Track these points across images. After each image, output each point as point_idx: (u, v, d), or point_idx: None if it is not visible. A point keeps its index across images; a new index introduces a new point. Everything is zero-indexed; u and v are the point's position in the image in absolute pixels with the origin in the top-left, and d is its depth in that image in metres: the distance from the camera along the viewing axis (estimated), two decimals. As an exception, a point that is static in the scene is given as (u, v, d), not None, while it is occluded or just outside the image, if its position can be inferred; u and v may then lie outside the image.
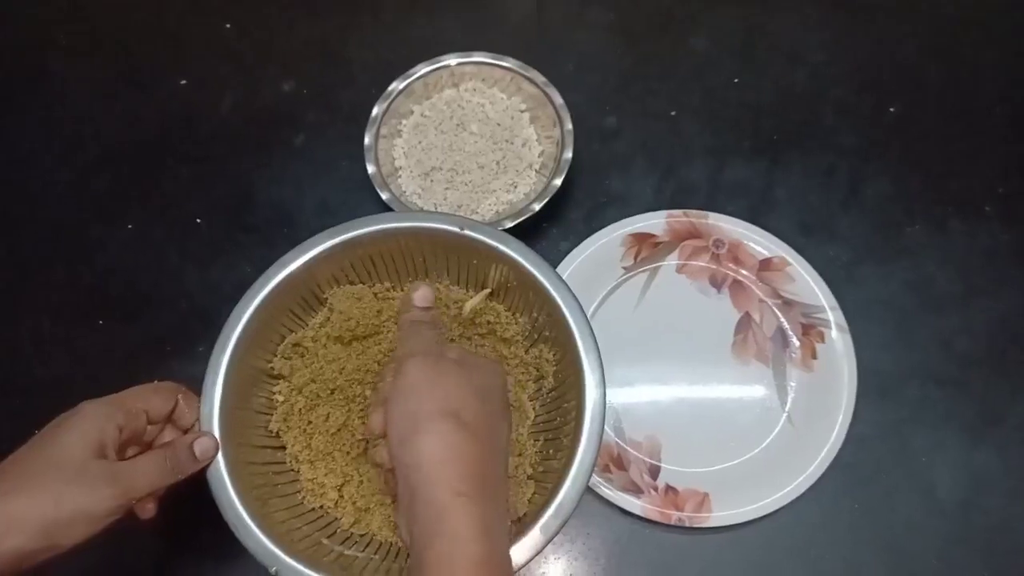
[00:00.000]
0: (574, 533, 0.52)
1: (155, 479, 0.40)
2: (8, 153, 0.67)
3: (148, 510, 0.42)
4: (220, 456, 0.43)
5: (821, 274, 0.57)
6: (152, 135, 0.67)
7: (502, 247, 0.47)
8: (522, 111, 0.63)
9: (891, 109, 0.65)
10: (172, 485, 0.42)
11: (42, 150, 0.67)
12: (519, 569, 0.41)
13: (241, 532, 0.42)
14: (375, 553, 0.46)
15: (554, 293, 0.47)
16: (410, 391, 0.38)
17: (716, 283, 0.58)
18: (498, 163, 0.61)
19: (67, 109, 0.69)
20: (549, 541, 0.41)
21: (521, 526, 0.44)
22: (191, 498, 0.42)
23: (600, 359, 0.45)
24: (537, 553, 0.41)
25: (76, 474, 0.37)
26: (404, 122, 0.63)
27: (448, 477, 0.35)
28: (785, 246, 0.58)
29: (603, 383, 0.44)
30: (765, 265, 0.57)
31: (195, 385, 0.45)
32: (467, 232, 0.48)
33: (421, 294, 0.45)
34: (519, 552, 0.41)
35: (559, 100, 0.60)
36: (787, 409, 0.54)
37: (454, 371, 0.39)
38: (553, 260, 0.58)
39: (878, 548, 0.52)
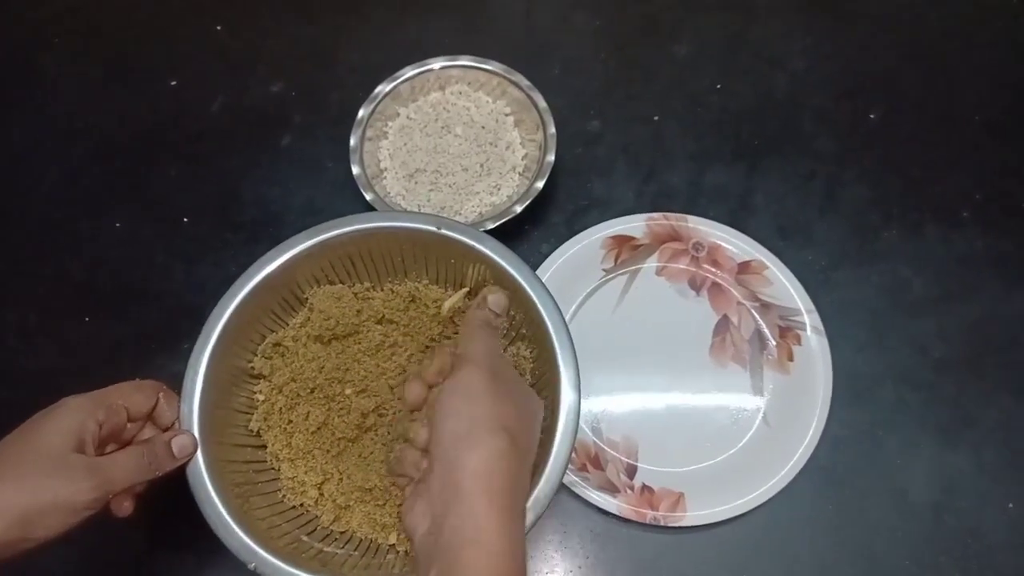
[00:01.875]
0: (550, 531, 0.53)
1: (133, 474, 0.41)
2: (-1, 149, 0.68)
3: (125, 508, 0.42)
4: (200, 454, 0.44)
5: (798, 277, 0.58)
6: (142, 133, 0.68)
7: (479, 246, 0.48)
8: (507, 115, 0.64)
9: (871, 116, 0.66)
10: (151, 482, 0.42)
11: (33, 146, 0.68)
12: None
13: (220, 529, 0.42)
14: (355, 549, 0.46)
15: (530, 292, 0.47)
16: (472, 396, 0.39)
17: (695, 286, 0.59)
18: (482, 165, 0.61)
19: (58, 106, 0.70)
20: (524, 535, 0.42)
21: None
22: (172, 494, 0.43)
23: (575, 357, 0.46)
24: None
25: (55, 466, 0.38)
26: (390, 124, 0.64)
27: (493, 491, 0.35)
28: (763, 249, 0.58)
29: (578, 380, 0.45)
30: (743, 268, 0.58)
31: (179, 382, 0.45)
32: (444, 231, 0.48)
33: (496, 299, 0.46)
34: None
35: (543, 104, 0.61)
36: (763, 410, 0.55)
37: (511, 390, 0.40)
38: (534, 262, 0.58)
39: (851, 549, 0.52)
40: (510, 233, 0.59)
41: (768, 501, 0.51)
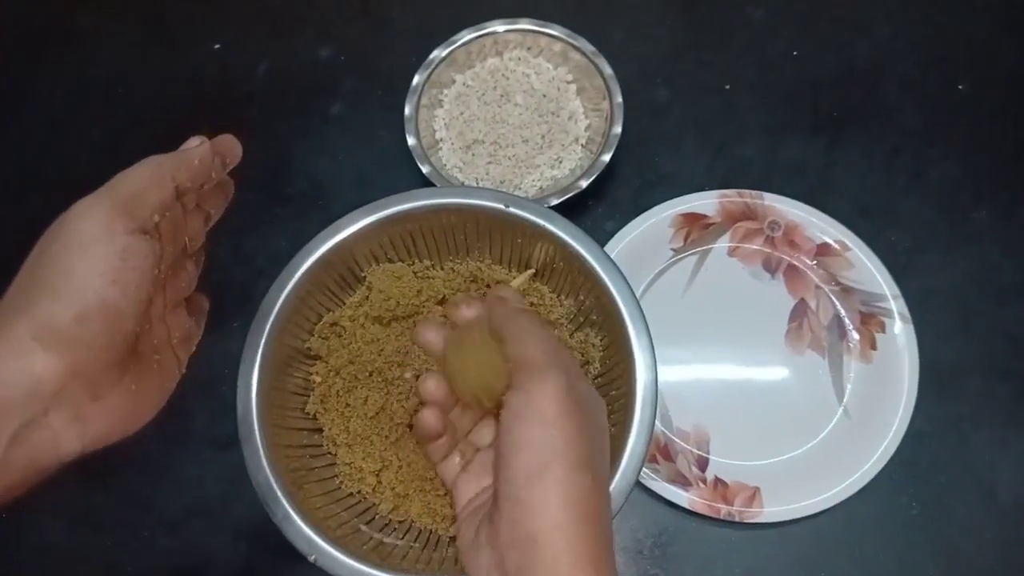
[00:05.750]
0: (617, 524, 0.50)
1: (149, 182, 0.31)
2: (40, 112, 0.66)
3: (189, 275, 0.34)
4: (257, 435, 0.42)
5: (881, 260, 0.54)
6: (184, 98, 0.66)
7: (549, 226, 0.45)
8: (568, 82, 0.60)
9: (959, 87, 0.62)
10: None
11: (74, 110, 0.66)
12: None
13: (281, 519, 0.40)
14: (415, 541, 0.44)
15: (603, 274, 0.44)
16: (547, 421, 0.32)
17: (770, 267, 0.56)
18: (543, 137, 0.58)
19: (98, 69, 0.67)
20: (598, 536, 0.40)
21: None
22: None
23: (652, 346, 0.43)
24: (585, 548, 0.40)
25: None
26: (445, 92, 0.60)
27: (577, 543, 0.29)
28: (844, 229, 0.55)
29: (655, 371, 0.42)
30: (823, 250, 0.55)
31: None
32: (512, 209, 0.45)
33: (520, 283, 0.43)
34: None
35: (608, 71, 0.57)
36: (844, 402, 0.52)
37: (586, 402, 0.34)
38: (599, 240, 0.55)
39: (934, 549, 0.49)
40: (573, 208, 0.56)
41: (848, 498, 0.48)
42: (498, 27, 0.60)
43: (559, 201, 0.54)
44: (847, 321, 0.54)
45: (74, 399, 0.27)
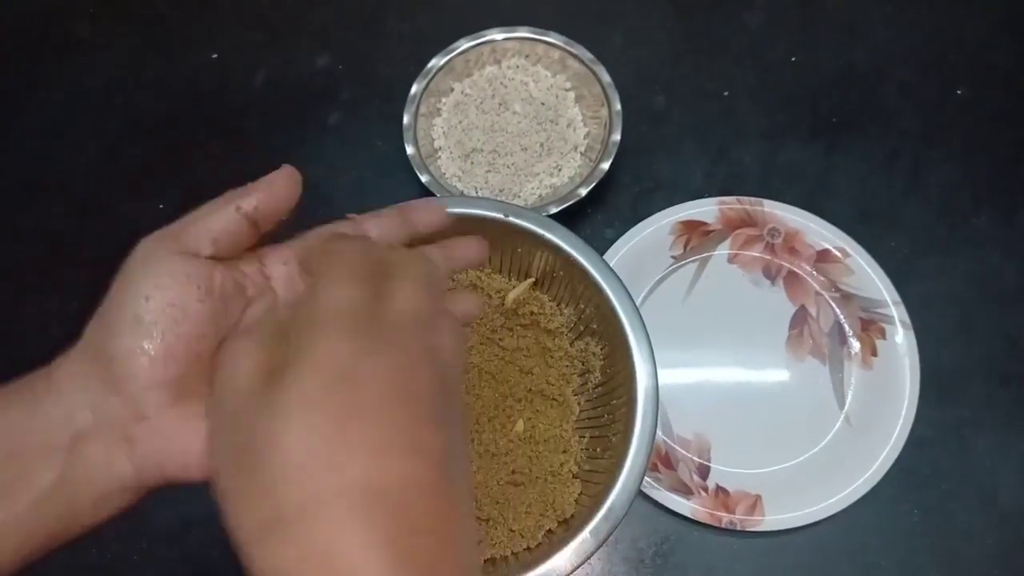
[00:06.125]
0: (618, 533, 0.50)
1: (210, 207, 0.29)
2: (36, 122, 0.66)
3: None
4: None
5: (881, 265, 0.54)
6: (182, 108, 0.65)
7: (548, 235, 0.45)
8: (567, 90, 0.60)
9: (958, 91, 0.62)
10: None
11: (70, 120, 0.66)
12: (568, 575, 0.40)
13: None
14: None
15: (603, 283, 0.45)
16: (301, 412, 0.22)
17: (770, 274, 0.55)
18: (542, 145, 0.58)
19: (96, 78, 0.67)
20: (601, 545, 0.40)
21: (569, 529, 0.42)
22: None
23: (652, 353, 0.43)
24: (588, 558, 0.39)
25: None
26: (444, 100, 0.60)
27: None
28: (844, 236, 0.55)
29: (655, 376, 0.42)
30: (823, 256, 0.55)
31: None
32: (511, 219, 0.46)
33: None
34: (568, 557, 0.39)
35: (607, 78, 0.57)
36: (845, 409, 0.51)
37: (398, 367, 0.24)
38: (599, 249, 0.55)
39: (935, 555, 0.49)
40: (572, 216, 0.56)
41: (850, 505, 0.48)
42: (496, 35, 0.60)
43: (558, 209, 0.53)
44: (847, 328, 0.53)
45: (118, 418, 0.26)
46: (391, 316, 0.25)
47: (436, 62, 0.59)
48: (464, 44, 0.59)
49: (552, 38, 0.59)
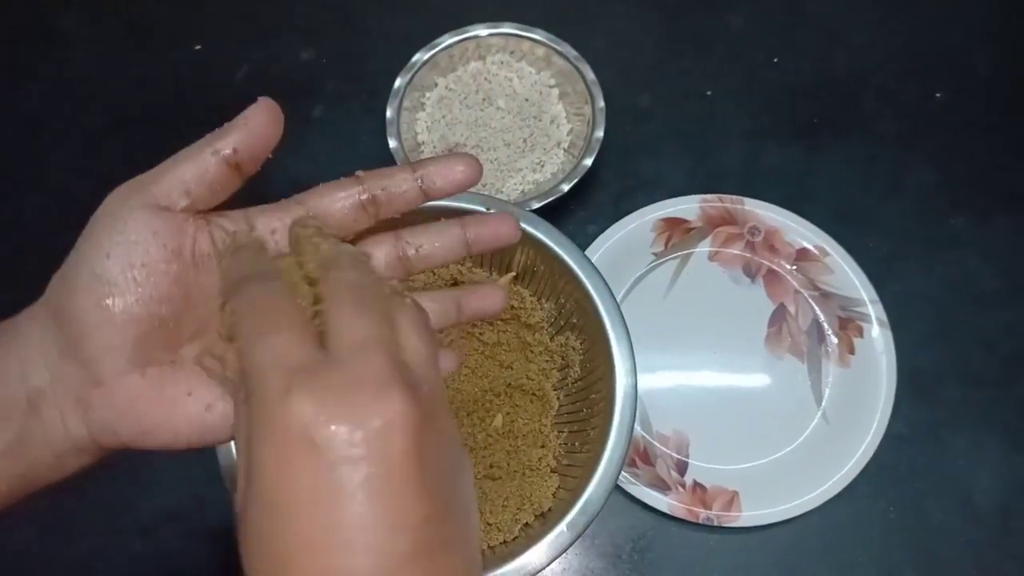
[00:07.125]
0: (596, 529, 0.50)
1: (184, 153, 0.27)
2: (15, 114, 0.65)
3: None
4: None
5: (860, 265, 0.54)
6: (164, 101, 0.65)
7: (530, 229, 0.45)
8: (551, 86, 0.60)
9: (936, 95, 0.62)
10: None
11: (50, 113, 0.65)
12: (544, 568, 0.39)
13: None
14: None
15: (584, 278, 0.45)
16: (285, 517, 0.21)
17: (750, 272, 0.56)
18: (525, 141, 0.58)
19: (76, 70, 0.67)
20: (577, 539, 0.40)
21: (546, 523, 0.42)
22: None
23: (632, 350, 0.43)
24: (564, 551, 0.39)
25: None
26: (428, 95, 0.60)
27: None
28: (824, 235, 0.55)
29: (634, 374, 0.42)
30: (802, 255, 0.55)
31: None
32: (494, 213, 0.45)
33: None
34: (544, 551, 0.39)
35: (591, 76, 0.57)
36: (822, 406, 0.52)
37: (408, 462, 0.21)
38: (580, 244, 0.55)
39: (911, 553, 0.50)
40: (555, 212, 0.56)
41: (826, 502, 0.49)
42: (481, 31, 0.60)
43: (540, 205, 0.53)
44: (826, 326, 0.54)
45: (73, 380, 0.25)
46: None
47: (420, 57, 0.59)
48: (449, 39, 0.59)
49: (537, 35, 0.59)
